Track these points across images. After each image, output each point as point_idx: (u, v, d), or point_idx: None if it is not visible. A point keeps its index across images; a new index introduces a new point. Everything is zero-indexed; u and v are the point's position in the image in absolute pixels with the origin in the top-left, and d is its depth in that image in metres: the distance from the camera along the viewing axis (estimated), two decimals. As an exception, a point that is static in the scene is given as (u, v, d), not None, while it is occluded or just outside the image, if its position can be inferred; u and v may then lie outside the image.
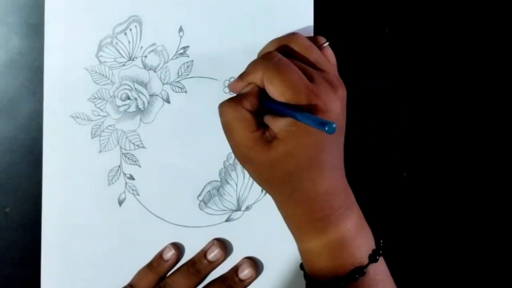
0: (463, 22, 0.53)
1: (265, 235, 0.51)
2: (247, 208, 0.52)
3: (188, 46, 0.51)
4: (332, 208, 0.43)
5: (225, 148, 0.51)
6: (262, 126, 0.43)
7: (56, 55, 0.50)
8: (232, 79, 0.51)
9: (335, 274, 0.43)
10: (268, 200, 0.51)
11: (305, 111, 0.40)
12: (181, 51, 0.51)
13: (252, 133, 0.42)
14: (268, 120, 0.43)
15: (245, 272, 0.50)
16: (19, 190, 0.51)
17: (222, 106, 0.43)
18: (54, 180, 0.50)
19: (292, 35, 0.46)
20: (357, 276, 0.43)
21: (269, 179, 0.44)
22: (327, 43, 0.47)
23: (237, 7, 0.51)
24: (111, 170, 0.51)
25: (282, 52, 0.44)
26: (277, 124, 0.42)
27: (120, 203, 0.51)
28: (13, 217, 0.51)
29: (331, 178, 0.43)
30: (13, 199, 0.51)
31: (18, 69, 0.51)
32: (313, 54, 0.45)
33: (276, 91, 0.41)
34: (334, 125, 0.37)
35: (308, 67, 0.44)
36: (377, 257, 0.44)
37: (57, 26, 0.50)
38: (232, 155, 0.51)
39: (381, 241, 0.45)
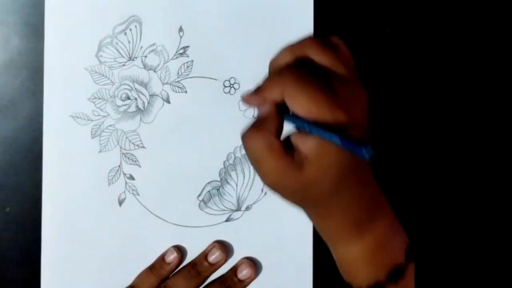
0: (463, 22, 0.53)
1: (265, 235, 0.51)
2: (247, 208, 0.52)
3: (188, 46, 0.51)
4: (364, 213, 0.42)
5: (225, 148, 0.51)
6: (289, 148, 0.40)
7: (56, 55, 0.50)
8: (232, 79, 0.51)
9: (375, 278, 0.42)
10: (268, 200, 0.51)
11: (331, 127, 0.38)
12: (181, 51, 0.51)
13: (282, 159, 0.39)
14: (297, 140, 0.40)
15: (244, 272, 0.50)
16: (19, 190, 0.51)
17: (247, 136, 0.40)
18: (54, 180, 0.50)
19: (306, 40, 0.42)
20: (397, 276, 0.42)
21: (303, 200, 0.42)
22: (342, 42, 0.43)
23: (237, 7, 0.51)
24: (111, 170, 0.51)
25: (299, 64, 0.42)
26: (307, 146, 0.39)
27: (120, 203, 0.51)
28: (13, 217, 0.51)
29: (363, 185, 0.42)
30: (13, 199, 0.51)
31: (18, 69, 0.51)
32: (330, 59, 0.42)
33: (302, 109, 0.38)
34: (370, 148, 0.36)
35: (328, 76, 0.41)
36: (414, 255, 0.43)
37: (57, 26, 0.50)
38: (232, 155, 0.51)
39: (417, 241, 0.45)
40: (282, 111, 0.40)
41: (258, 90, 0.41)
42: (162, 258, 0.50)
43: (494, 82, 0.53)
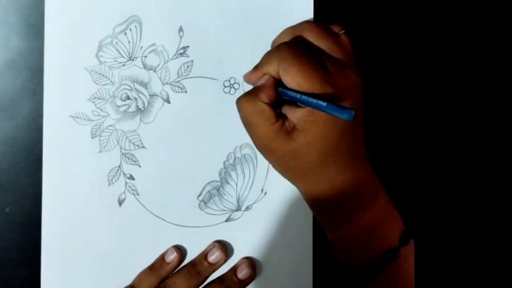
0: (463, 22, 0.53)
1: (265, 235, 0.51)
2: (247, 208, 0.52)
3: (188, 46, 0.51)
4: (358, 195, 0.43)
5: (225, 148, 0.51)
6: (281, 117, 0.43)
7: (56, 55, 0.50)
8: (232, 79, 0.51)
9: (368, 259, 0.43)
10: (268, 200, 0.51)
11: (322, 100, 0.40)
12: (181, 51, 0.51)
13: (272, 125, 0.42)
14: (286, 110, 0.43)
15: (244, 272, 0.50)
16: (19, 190, 0.51)
17: (240, 101, 0.44)
18: (54, 180, 0.50)
19: (305, 23, 0.46)
20: (390, 259, 0.43)
21: (292, 170, 0.44)
22: (343, 31, 0.46)
23: (237, 7, 0.51)
24: (111, 170, 0.51)
25: (296, 42, 0.44)
26: (296, 115, 0.42)
27: (120, 203, 0.51)
28: (13, 217, 0.51)
29: (355, 164, 0.43)
30: (13, 199, 0.51)
31: (18, 69, 0.51)
32: (327, 42, 0.44)
33: (292, 81, 0.42)
34: (353, 112, 0.38)
35: (322, 55, 0.43)
36: (408, 240, 0.44)
37: (57, 26, 0.50)
38: (232, 155, 0.51)
39: (412, 225, 0.45)
40: (279, 86, 0.43)
41: (256, 66, 0.45)
42: (162, 258, 0.50)
43: (494, 82, 0.53)
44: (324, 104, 0.39)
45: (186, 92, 0.51)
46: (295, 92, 0.42)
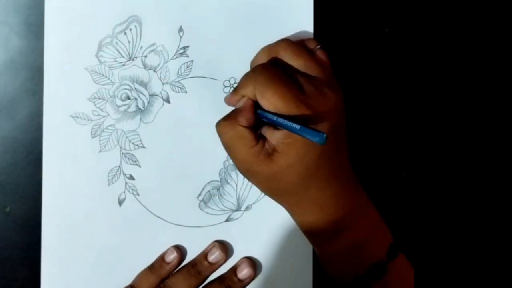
0: (463, 22, 0.53)
1: (265, 235, 0.51)
2: (247, 208, 0.52)
3: (188, 46, 0.51)
4: (343, 211, 0.43)
5: (225, 148, 0.51)
6: (261, 138, 0.43)
7: (56, 55, 0.50)
8: (232, 79, 0.51)
9: (355, 274, 0.43)
10: (268, 200, 0.51)
11: (299, 122, 0.41)
12: (181, 51, 0.51)
13: (252, 148, 0.43)
14: (266, 132, 0.43)
15: (244, 272, 0.50)
16: (19, 190, 0.51)
17: (219, 125, 0.44)
18: (54, 180, 0.50)
19: (281, 42, 0.46)
20: (378, 273, 0.43)
21: (275, 191, 0.45)
22: (318, 46, 0.47)
23: (237, 7, 0.51)
24: (111, 170, 0.51)
25: (273, 61, 0.45)
26: (274, 137, 0.42)
27: (120, 203, 0.51)
28: (13, 217, 0.51)
29: (338, 182, 0.43)
30: (13, 199, 0.51)
31: (18, 69, 0.51)
32: (303, 60, 0.45)
33: (269, 104, 0.42)
34: (324, 135, 0.38)
35: (299, 75, 0.44)
36: (397, 252, 0.44)
37: (57, 26, 0.50)
38: (232, 155, 0.51)
39: (400, 239, 0.45)
40: (257, 108, 0.43)
41: (235, 89, 0.45)
42: (162, 258, 0.50)
43: (494, 82, 0.53)
44: (298, 127, 0.40)
45: (186, 92, 0.51)
46: (272, 114, 0.42)
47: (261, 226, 0.51)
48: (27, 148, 0.51)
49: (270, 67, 0.44)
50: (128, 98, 0.51)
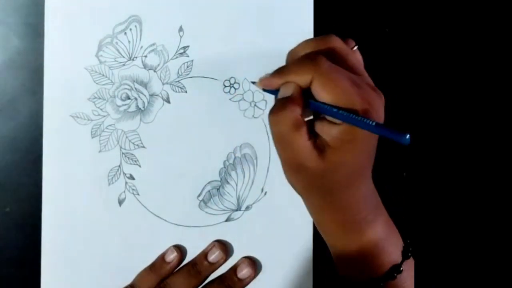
0: (463, 22, 0.53)
1: (265, 235, 0.51)
2: (247, 208, 0.52)
3: (188, 46, 0.51)
4: (366, 211, 0.43)
5: (225, 148, 0.51)
6: (311, 133, 0.41)
7: (56, 55, 0.50)
8: (232, 79, 0.51)
9: (373, 275, 0.43)
10: (268, 200, 0.51)
11: (362, 116, 0.38)
12: (181, 51, 0.51)
13: (308, 141, 0.40)
14: (318, 126, 0.40)
15: (244, 272, 0.50)
16: (19, 190, 0.51)
17: (274, 114, 0.40)
18: (54, 180, 0.50)
19: (329, 37, 0.42)
20: (395, 274, 0.43)
21: (315, 189, 0.42)
22: (356, 47, 0.44)
23: (237, 7, 0.51)
24: (111, 170, 0.51)
25: (323, 53, 0.41)
26: (331, 132, 0.39)
27: (120, 203, 0.51)
28: (13, 217, 0.51)
29: (368, 181, 0.43)
30: (13, 199, 0.51)
31: (18, 69, 0.51)
32: (351, 58, 0.42)
33: (330, 97, 0.39)
34: (408, 136, 0.36)
35: (352, 71, 0.41)
36: (409, 254, 0.44)
37: (57, 26, 0.50)
38: (232, 155, 0.51)
39: (408, 240, 0.45)
40: (304, 96, 0.40)
41: (281, 72, 0.41)
42: (162, 258, 0.51)
43: (494, 82, 0.53)
44: (373, 123, 0.37)
45: (186, 92, 0.51)
46: (334, 107, 0.39)
47: (261, 226, 0.51)
48: (27, 148, 0.51)
49: (328, 60, 0.40)
50: (128, 98, 0.51)
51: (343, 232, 0.44)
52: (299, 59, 0.41)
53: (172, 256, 0.50)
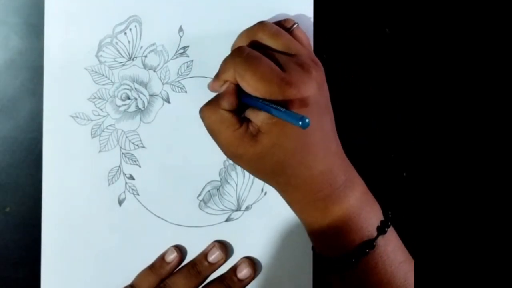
0: (463, 22, 0.53)
1: (265, 235, 0.51)
2: (247, 208, 0.52)
3: (188, 46, 0.51)
4: (331, 187, 0.43)
5: (225, 148, 0.51)
6: (244, 121, 0.43)
7: (56, 55, 0.50)
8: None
9: (345, 251, 0.43)
10: (268, 200, 0.51)
11: (281, 102, 0.41)
12: (181, 51, 0.51)
13: (236, 131, 0.43)
14: (250, 114, 0.43)
15: (244, 272, 0.50)
16: (19, 190, 0.51)
17: (202, 111, 0.45)
18: (54, 180, 0.50)
19: (259, 24, 0.46)
20: (366, 249, 0.43)
21: (262, 171, 0.45)
22: (296, 25, 0.47)
23: (237, 7, 0.51)
24: (111, 170, 0.51)
25: (252, 44, 0.45)
26: (258, 118, 0.42)
27: (120, 203, 0.51)
28: (13, 217, 0.51)
29: (325, 158, 0.43)
30: (13, 199, 0.51)
31: (18, 69, 0.51)
32: (282, 39, 0.45)
33: (249, 87, 0.42)
34: (307, 120, 0.38)
35: (279, 54, 0.44)
36: (386, 229, 0.44)
37: (57, 26, 0.50)
38: (232, 155, 0.51)
39: (390, 213, 0.45)
40: (241, 91, 0.43)
41: (216, 75, 0.45)
42: (162, 258, 0.51)
43: (494, 82, 0.53)
44: (280, 110, 0.40)
45: (186, 92, 0.51)
46: (254, 98, 0.42)
47: (261, 226, 0.51)
48: (27, 148, 0.51)
49: (248, 48, 0.44)
50: (128, 98, 0.51)
51: (308, 210, 0.45)
52: (226, 57, 0.45)
53: (172, 256, 0.50)
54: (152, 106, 0.51)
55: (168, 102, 0.51)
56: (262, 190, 0.52)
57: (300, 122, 0.38)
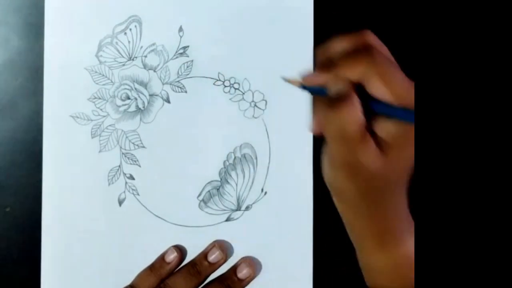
0: (463, 22, 0.53)
1: (265, 235, 0.51)
2: (247, 208, 0.52)
3: (188, 46, 0.51)
4: (401, 223, 0.41)
5: (225, 148, 0.51)
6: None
7: (56, 55, 0.50)
8: (232, 79, 0.51)
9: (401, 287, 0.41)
10: (268, 200, 0.51)
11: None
12: (181, 51, 0.51)
13: (371, 137, 0.37)
14: (377, 125, 0.38)
15: (244, 272, 0.50)
16: (19, 190, 0.51)
17: (338, 111, 0.36)
18: (54, 180, 0.50)
19: (365, 32, 0.40)
20: None
21: (371, 191, 0.39)
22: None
23: (237, 7, 0.51)
24: (111, 170, 0.51)
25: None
26: (390, 130, 0.37)
27: (120, 203, 0.51)
28: (13, 217, 0.51)
29: (406, 193, 0.41)
30: (13, 199, 0.51)
31: (18, 69, 0.51)
32: (387, 53, 0.40)
33: (388, 92, 0.37)
34: None
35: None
36: None
37: (57, 26, 0.50)
38: (232, 154, 0.51)
39: None
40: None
41: (329, 67, 0.38)
42: (162, 258, 0.50)
43: (494, 82, 0.53)
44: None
45: (186, 92, 0.51)
46: (389, 104, 0.36)
47: (261, 226, 0.51)
48: (27, 148, 0.51)
49: (379, 51, 0.38)
50: (128, 98, 0.51)
51: (375, 242, 0.41)
52: (348, 52, 0.38)
53: (172, 256, 0.50)
54: (152, 106, 0.51)
55: (168, 102, 0.51)
56: (262, 190, 0.52)
57: None
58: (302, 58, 0.51)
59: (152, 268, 0.50)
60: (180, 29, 0.51)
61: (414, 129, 0.40)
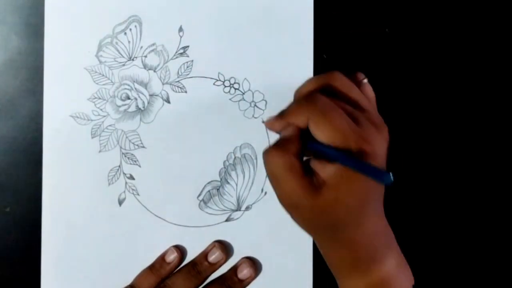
0: (463, 22, 0.53)
1: (265, 235, 0.51)
2: (247, 208, 0.52)
3: (188, 46, 0.51)
4: (375, 248, 0.42)
5: (225, 148, 0.51)
6: (307, 171, 0.41)
7: (56, 55, 0.50)
8: (232, 79, 0.51)
9: None
10: (268, 200, 0.51)
11: (354, 156, 0.38)
12: (181, 51, 0.51)
13: (301, 179, 0.40)
14: (315, 165, 0.41)
15: (244, 272, 0.50)
16: (19, 190, 0.51)
17: (268, 154, 0.40)
18: (54, 180, 0.50)
19: (334, 73, 0.43)
20: None
21: (315, 225, 0.42)
22: (365, 80, 0.45)
23: (237, 7, 0.51)
24: (111, 170, 0.51)
25: (323, 92, 0.42)
26: (327, 171, 0.40)
27: (120, 203, 0.51)
28: (13, 217, 0.51)
29: (376, 219, 0.42)
30: (13, 199, 0.51)
31: (18, 69, 0.51)
32: (354, 93, 0.42)
33: (324, 136, 0.39)
34: (391, 176, 0.36)
35: (351, 108, 0.41)
36: None
37: (57, 26, 0.50)
38: (232, 155, 0.51)
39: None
40: (303, 136, 0.40)
41: (282, 115, 0.42)
42: (162, 258, 0.51)
43: (494, 82, 0.53)
44: (364, 163, 0.38)
45: (186, 92, 0.51)
46: (327, 147, 0.39)
47: (261, 226, 0.51)
48: (27, 148, 0.51)
49: (324, 97, 0.41)
50: (128, 98, 0.51)
51: (350, 270, 0.43)
52: (297, 99, 0.42)
53: (172, 257, 0.50)
54: (152, 106, 0.51)
55: (168, 102, 0.51)
56: (262, 190, 0.52)
57: (384, 178, 0.37)
58: (302, 58, 0.51)
59: (152, 268, 0.50)
60: (180, 29, 0.51)
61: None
